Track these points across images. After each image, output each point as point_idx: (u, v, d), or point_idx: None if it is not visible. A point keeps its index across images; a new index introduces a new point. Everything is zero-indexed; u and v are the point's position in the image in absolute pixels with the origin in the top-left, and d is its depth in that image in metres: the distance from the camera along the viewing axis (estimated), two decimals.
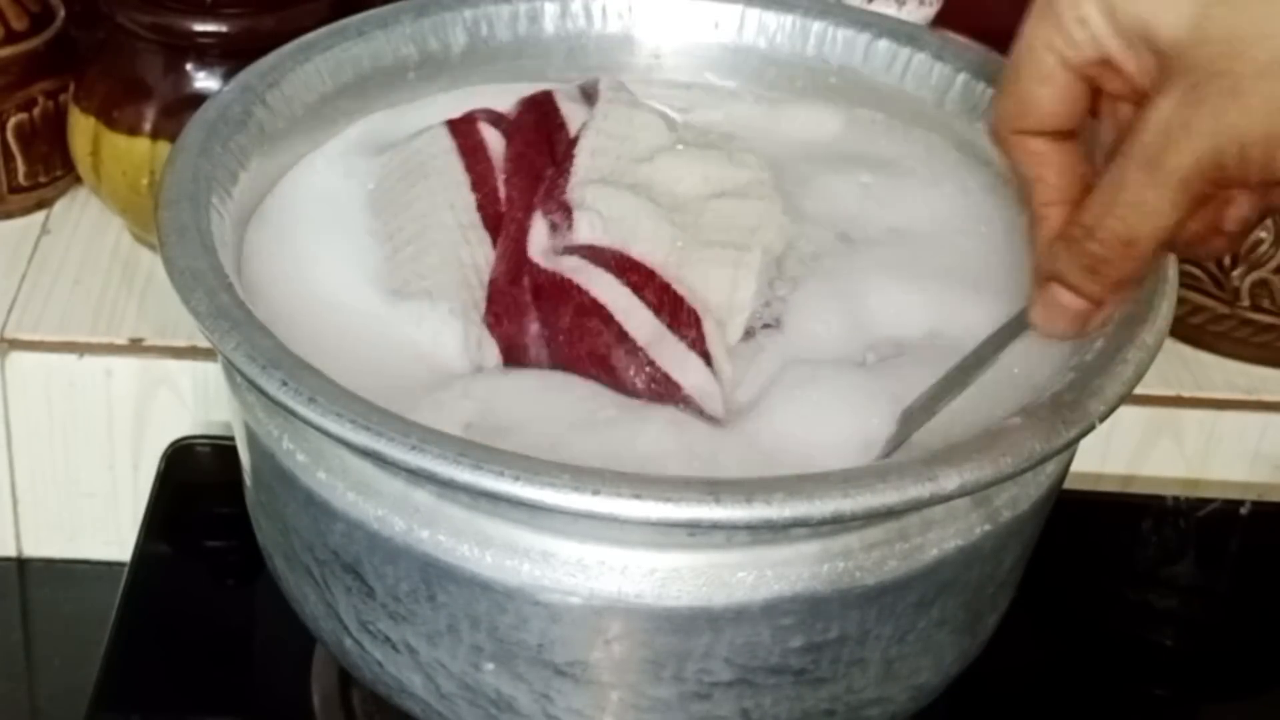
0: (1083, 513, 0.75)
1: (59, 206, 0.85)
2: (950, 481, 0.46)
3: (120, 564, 0.73)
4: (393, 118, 0.65)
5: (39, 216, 0.84)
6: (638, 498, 0.44)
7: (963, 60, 0.65)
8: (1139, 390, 0.51)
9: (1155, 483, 0.81)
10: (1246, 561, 0.79)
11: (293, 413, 0.47)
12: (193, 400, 0.77)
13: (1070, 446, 0.49)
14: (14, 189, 0.83)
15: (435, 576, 0.50)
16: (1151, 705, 0.71)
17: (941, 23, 0.80)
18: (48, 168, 0.84)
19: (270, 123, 0.60)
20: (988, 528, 0.52)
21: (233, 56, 0.75)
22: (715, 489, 0.45)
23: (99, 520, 0.79)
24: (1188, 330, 0.81)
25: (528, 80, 0.67)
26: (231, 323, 0.49)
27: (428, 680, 0.53)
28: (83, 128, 0.79)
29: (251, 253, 0.58)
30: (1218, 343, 0.81)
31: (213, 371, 0.75)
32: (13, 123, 0.81)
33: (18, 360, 0.76)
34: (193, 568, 0.74)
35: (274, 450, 0.53)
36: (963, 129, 0.65)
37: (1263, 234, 0.77)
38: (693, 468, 0.51)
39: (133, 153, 0.77)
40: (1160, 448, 0.80)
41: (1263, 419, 0.80)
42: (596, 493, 0.44)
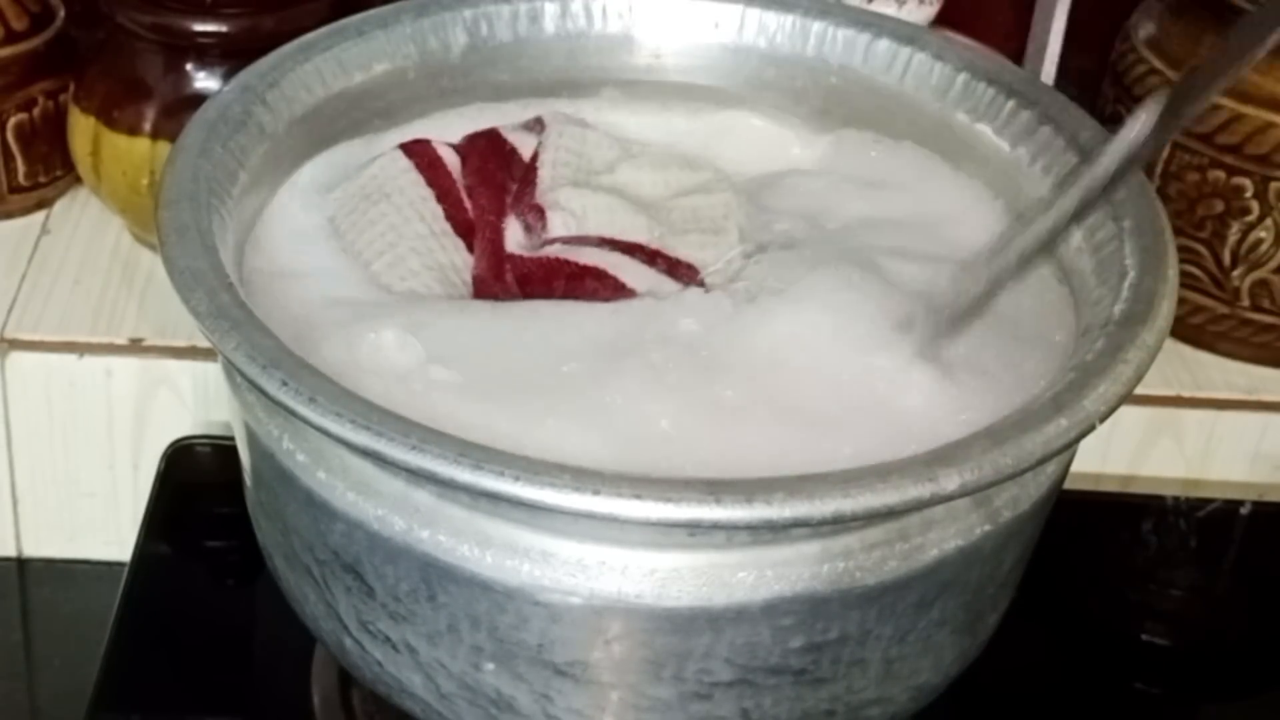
0: (1083, 513, 0.75)
1: (59, 206, 0.85)
2: (950, 481, 0.46)
3: (120, 564, 0.72)
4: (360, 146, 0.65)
5: (39, 216, 0.84)
6: (638, 498, 0.44)
7: (963, 60, 0.65)
8: (1139, 390, 0.51)
9: (1155, 483, 0.81)
10: (1246, 561, 0.79)
11: (293, 413, 0.47)
12: (193, 400, 0.77)
13: (1070, 446, 0.49)
14: (14, 189, 0.83)
15: (435, 576, 0.50)
16: (1151, 705, 0.71)
17: (941, 23, 0.80)
18: (48, 168, 0.84)
19: (270, 123, 0.60)
20: (988, 528, 0.52)
21: (233, 56, 0.75)
22: (715, 489, 0.45)
23: (99, 520, 0.79)
24: (1188, 330, 0.81)
25: (527, 80, 0.67)
26: (231, 323, 0.49)
27: (428, 680, 0.53)
28: (83, 128, 0.79)
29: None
30: (1218, 343, 0.81)
31: (213, 371, 0.75)
32: (13, 123, 0.81)
33: (18, 360, 0.76)
34: (193, 568, 0.73)
35: (274, 450, 0.53)
36: (963, 129, 0.65)
37: (1263, 234, 0.77)
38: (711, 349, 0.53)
39: (133, 153, 0.77)
40: (1160, 448, 0.80)
41: (1263, 419, 0.80)
42: (597, 493, 0.44)
